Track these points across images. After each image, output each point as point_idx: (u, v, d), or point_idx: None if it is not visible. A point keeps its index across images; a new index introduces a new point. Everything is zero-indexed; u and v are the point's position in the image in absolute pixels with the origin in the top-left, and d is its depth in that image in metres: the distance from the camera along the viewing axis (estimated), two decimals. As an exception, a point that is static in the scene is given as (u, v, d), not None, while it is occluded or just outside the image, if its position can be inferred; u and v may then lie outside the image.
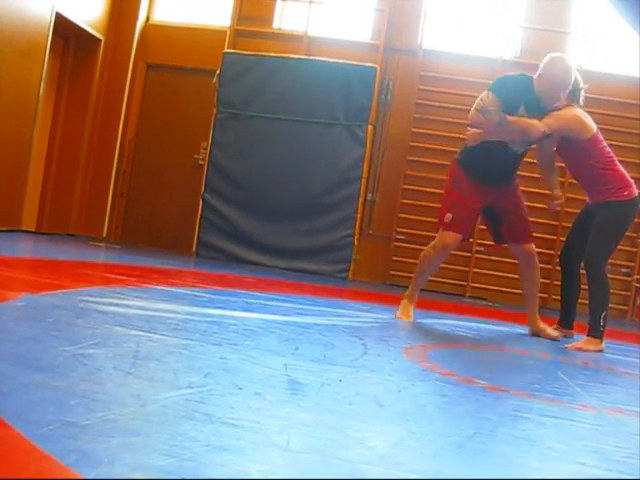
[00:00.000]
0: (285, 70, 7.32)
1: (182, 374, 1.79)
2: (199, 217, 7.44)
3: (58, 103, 7.68)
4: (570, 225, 7.24)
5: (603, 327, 3.65)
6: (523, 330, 4.32)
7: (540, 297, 7.32)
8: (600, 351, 3.58)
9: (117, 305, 2.80)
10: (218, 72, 7.37)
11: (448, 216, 3.89)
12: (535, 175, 7.27)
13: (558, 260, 4.65)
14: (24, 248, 5.83)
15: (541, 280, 7.47)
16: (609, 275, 7.74)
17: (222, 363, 1.97)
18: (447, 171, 4.23)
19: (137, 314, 2.66)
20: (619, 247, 7.22)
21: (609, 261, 7.64)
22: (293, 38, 7.77)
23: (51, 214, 7.69)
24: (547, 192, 7.43)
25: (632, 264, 7.22)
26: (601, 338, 3.64)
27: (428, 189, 7.42)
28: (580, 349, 3.56)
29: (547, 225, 7.36)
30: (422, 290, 7.21)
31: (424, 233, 7.38)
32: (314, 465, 1.23)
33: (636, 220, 7.22)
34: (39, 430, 1.17)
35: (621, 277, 7.24)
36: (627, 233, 7.21)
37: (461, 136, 7.42)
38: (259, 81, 7.32)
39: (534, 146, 4.06)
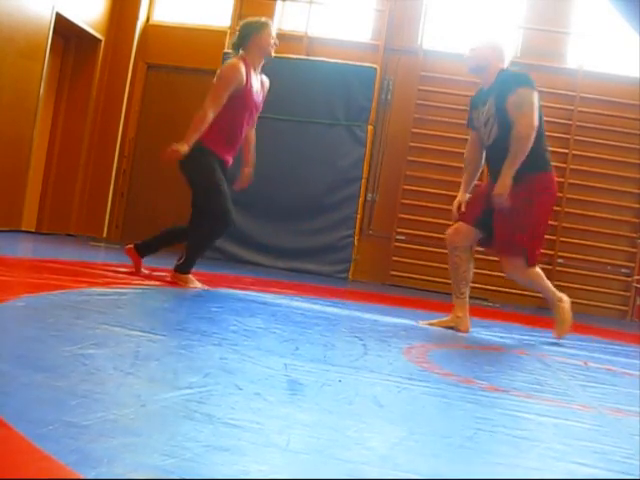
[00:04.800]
0: (285, 70, 7.31)
1: (182, 374, 1.79)
2: (199, 217, 7.44)
3: (58, 103, 7.69)
4: (571, 226, 7.29)
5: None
6: (522, 330, 4.33)
7: (540, 297, 7.34)
8: None
9: (117, 305, 2.80)
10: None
11: None
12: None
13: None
14: (24, 248, 5.83)
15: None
16: (609, 275, 7.77)
17: (222, 363, 1.98)
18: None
19: (137, 314, 2.66)
20: (619, 248, 7.27)
21: (609, 261, 7.66)
22: (293, 38, 7.77)
23: (51, 214, 7.70)
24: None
25: (632, 264, 7.22)
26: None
27: (428, 189, 7.42)
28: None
29: (547, 225, 7.35)
30: (422, 290, 7.22)
31: (424, 233, 7.39)
32: (314, 465, 1.23)
33: (636, 220, 7.29)
34: (39, 430, 1.18)
35: (621, 277, 7.25)
36: (627, 233, 7.27)
37: (461, 136, 7.45)
38: (259, 81, 7.32)
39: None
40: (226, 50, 7.61)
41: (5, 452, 1.09)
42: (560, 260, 7.31)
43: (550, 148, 7.11)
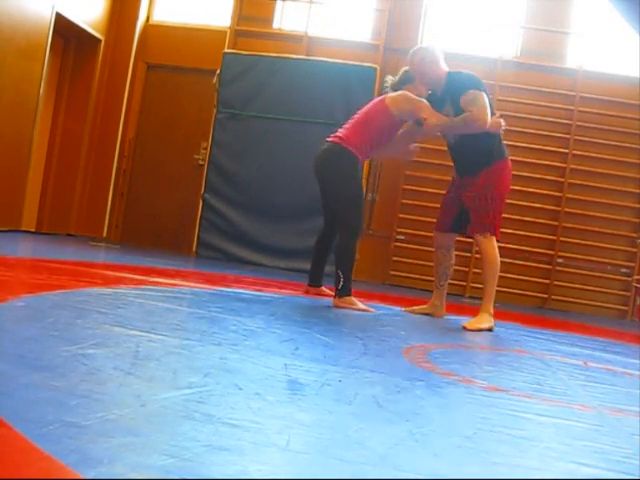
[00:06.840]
0: (285, 70, 7.32)
1: (182, 374, 1.79)
2: (199, 217, 7.45)
3: (58, 103, 7.69)
4: (571, 226, 7.29)
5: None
6: (522, 329, 4.33)
7: (540, 297, 7.38)
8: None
9: (117, 305, 2.80)
10: (218, 72, 7.37)
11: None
12: (535, 175, 7.29)
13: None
14: (24, 248, 5.83)
15: (541, 280, 7.49)
16: (609, 275, 7.74)
17: (222, 363, 1.98)
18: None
19: (137, 314, 2.66)
20: (619, 247, 7.27)
21: (609, 261, 7.63)
22: (293, 38, 7.77)
23: (51, 214, 7.69)
24: (547, 192, 7.47)
25: (632, 264, 7.22)
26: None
27: (428, 189, 7.42)
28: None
29: (547, 225, 7.37)
30: (422, 290, 7.22)
31: (424, 233, 7.39)
32: (314, 465, 1.23)
33: (636, 220, 7.29)
34: (39, 430, 1.17)
35: (621, 277, 7.25)
36: (627, 233, 7.27)
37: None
38: (259, 81, 7.32)
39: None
40: (226, 50, 7.62)
41: (5, 452, 1.09)
42: (560, 260, 7.31)
43: (548, 148, 7.12)
